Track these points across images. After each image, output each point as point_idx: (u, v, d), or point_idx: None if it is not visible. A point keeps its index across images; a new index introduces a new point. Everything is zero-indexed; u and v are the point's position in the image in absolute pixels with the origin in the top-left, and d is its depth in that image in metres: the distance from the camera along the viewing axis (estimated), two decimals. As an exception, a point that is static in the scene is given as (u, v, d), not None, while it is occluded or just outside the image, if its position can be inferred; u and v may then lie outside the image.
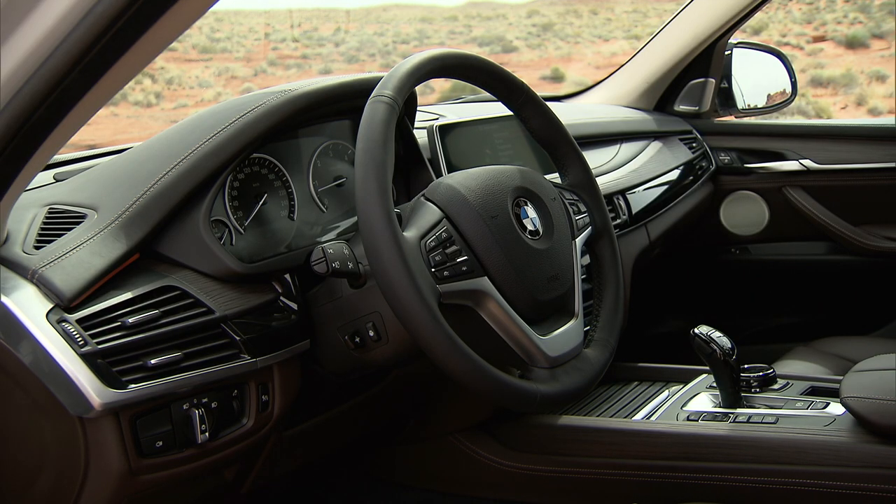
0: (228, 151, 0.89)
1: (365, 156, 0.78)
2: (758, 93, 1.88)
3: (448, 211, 0.84)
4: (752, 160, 1.83)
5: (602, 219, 1.00)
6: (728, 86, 1.87)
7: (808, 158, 1.76)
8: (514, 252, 0.85)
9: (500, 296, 0.83)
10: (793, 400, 1.15)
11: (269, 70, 12.17)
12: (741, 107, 1.88)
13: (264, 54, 12.79)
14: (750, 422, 1.10)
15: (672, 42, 1.79)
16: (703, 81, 1.86)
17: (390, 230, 0.75)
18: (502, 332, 0.83)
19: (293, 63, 12.54)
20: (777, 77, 1.86)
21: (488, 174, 0.89)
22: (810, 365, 1.36)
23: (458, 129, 1.23)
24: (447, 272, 0.80)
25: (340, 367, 0.95)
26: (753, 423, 1.10)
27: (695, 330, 1.13)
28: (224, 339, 0.84)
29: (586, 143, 1.53)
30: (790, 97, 1.85)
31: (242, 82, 11.61)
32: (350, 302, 0.89)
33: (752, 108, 1.89)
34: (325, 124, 1.05)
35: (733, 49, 1.84)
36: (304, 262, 0.94)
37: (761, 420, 1.10)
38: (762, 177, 1.81)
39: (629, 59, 1.90)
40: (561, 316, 0.91)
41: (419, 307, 0.74)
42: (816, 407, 1.12)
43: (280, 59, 12.67)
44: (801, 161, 1.77)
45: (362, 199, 0.76)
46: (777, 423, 1.09)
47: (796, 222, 1.78)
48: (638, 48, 1.89)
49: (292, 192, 1.00)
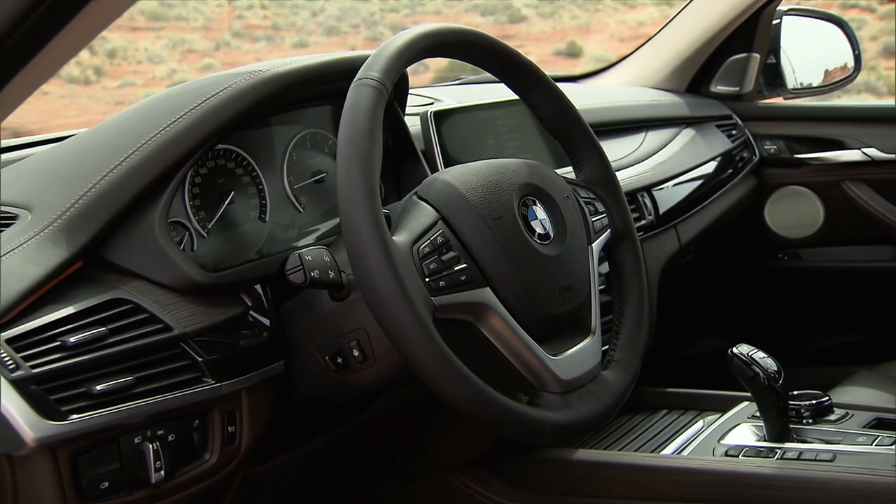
0: (189, 142, 0.91)
1: (348, 148, 0.80)
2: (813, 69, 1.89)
3: (444, 211, 0.86)
4: (804, 149, 1.85)
5: (623, 220, 1.02)
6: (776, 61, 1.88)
7: (873, 147, 1.76)
8: (520, 259, 0.87)
9: (505, 309, 0.85)
10: (853, 434, 1.16)
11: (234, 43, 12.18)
12: (792, 86, 1.88)
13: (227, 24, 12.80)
14: (801, 459, 1.11)
15: (709, 10, 1.80)
16: (745, 57, 1.87)
17: (378, 234, 0.77)
18: (507, 352, 0.85)
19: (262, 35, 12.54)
20: (837, 49, 1.86)
21: (491, 169, 0.91)
22: (874, 392, 1.36)
23: (456, 117, 1.25)
24: (443, 282, 0.82)
25: (320, 393, 0.96)
26: (805, 461, 1.10)
27: (734, 349, 1.15)
28: (183, 360, 0.86)
29: (606, 131, 1.54)
30: (853, 73, 1.85)
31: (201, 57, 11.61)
32: (331, 317, 0.90)
33: (806, 87, 1.90)
34: (301, 111, 1.07)
35: (783, 17, 1.85)
36: (277, 270, 0.95)
37: (814, 457, 1.10)
38: (816, 169, 1.82)
39: (658, 30, 1.91)
40: (575, 333, 0.92)
41: (411, 322, 0.76)
42: (882, 443, 1.12)
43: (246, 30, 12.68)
44: (864, 150, 1.77)
45: (345, 198, 0.78)
46: (834, 462, 1.09)
47: (857, 222, 1.79)
48: (670, 17, 1.90)
49: (263, 189, 1.01)
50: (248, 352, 0.91)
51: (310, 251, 0.85)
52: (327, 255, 0.86)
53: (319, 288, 0.88)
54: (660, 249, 1.51)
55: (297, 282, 0.84)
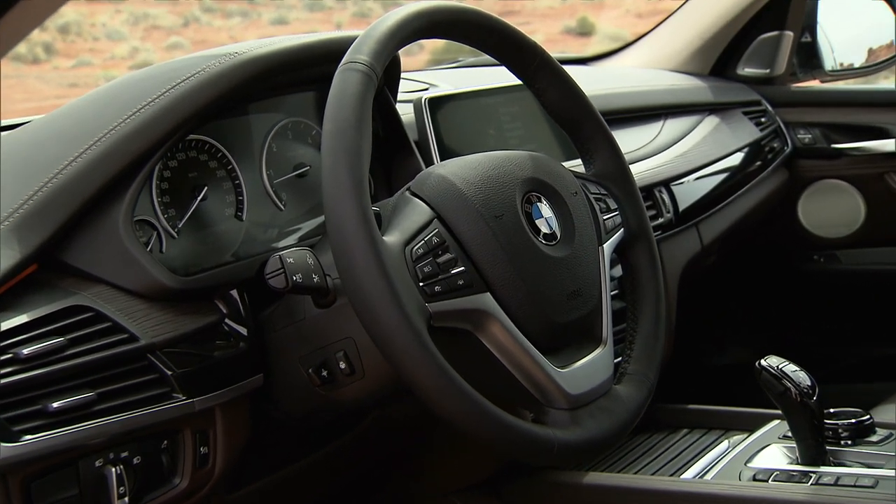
0: (157, 132, 0.92)
1: (334, 139, 0.81)
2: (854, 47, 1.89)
3: (440, 209, 0.87)
4: (843, 139, 1.85)
5: (638, 218, 1.04)
6: (812, 39, 1.88)
7: None
8: (523, 261, 0.88)
9: (507, 317, 0.86)
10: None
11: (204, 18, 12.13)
12: (830, 67, 1.88)
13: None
14: (838, 484, 1.11)
15: (736, -17, 1.82)
16: (776, 35, 1.88)
17: (366, 233, 0.78)
18: (510, 364, 0.86)
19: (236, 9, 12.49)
20: (882, 24, 1.85)
21: (491, 162, 0.92)
22: None
23: (453, 104, 1.26)
24: (439, 287, 0.83)
25: (303, 409, 0.97)
26: (843, 486, 1.11)
27: (762, 362, 1.15)
28: (151, 374, 0.87)
29: (619, 119, 1.55)
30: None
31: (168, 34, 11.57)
32: (315, 325, 0.91)
33: (846, 68, 1.90)
34: (282, 98, 1.08)
35: None
36: (255, 274, 0.96)
37: (854, 482, 1.11)
38: (856, 161, 1.83)
39: (679, 6, 1.92)
40: (584, 343, 0.94)
41: (403, 331, 0.77)
42: (932, 468, 1.12)
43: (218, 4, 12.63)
44: None
45: (331, 194, 0.79)
46: (876, 488, 1.10)
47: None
48: (693, -9, 1.90)
49: (240, 184, 1.03)
50: (222, 364, 0.92)
51: (292, 253, 0.86)
52: (311, 258, 0.87)
53: (302, 293, 0.89)
54: (679, 251, 1.52)
55: (277, 287, 0.85)
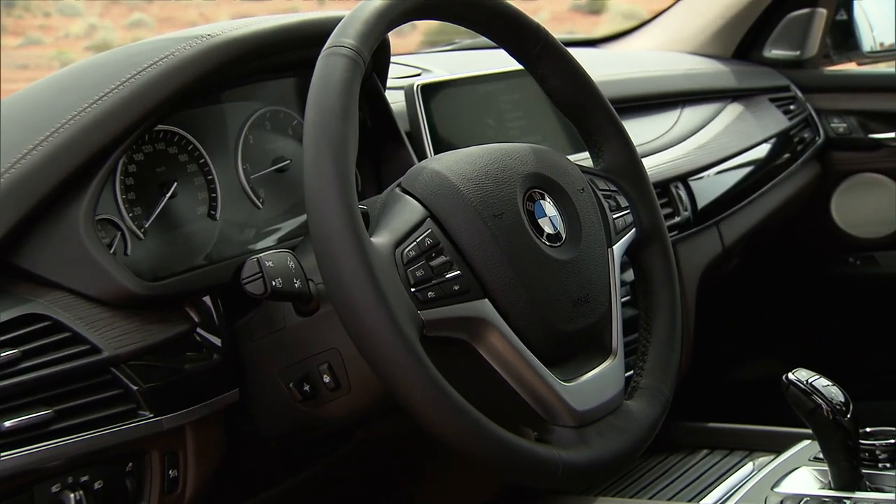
0: (121, 122, 0.92)
1: (317, 130, 0.81)
2: (894, 26, 1.90)
3: (434, 207, 0.88)
4: (882, 128, 1.86)
5: (651, 217, 1.04)
6: (848, 17, 1.88)
7: None
8: (525, 264, 0.88)
9: (507, 325, 0.86)
10: None
11: (171, -7, 12.12)
12: (869, 48, 1.88)
13: (163, -32, 12.73)
14: None
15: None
16: (808, 13, 1.88)
17: (353, 234, 0.78)
18: (510, 377, 0.87)
19: (207, -17, 12.50)
20: None
21: (490, 156, 0.93)
22: None
23: (448, 91, 1.26)
24: (432, 293, 0.84)
25: (283, 428, 0.97)
26: None
27: (790, 376, 1.15)
28: (115, 389, 0.87)
29: (631, 108, 1.56)
30: None
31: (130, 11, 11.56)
32: (296, 335, 0.92)
33: (886, 49, 1.89)
34: (260, 85, 1.08)
35: None
36: (230, 279, 0.96)
37: None
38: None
39: (700, -19, 1.93)
40: (592, 354, 0.94)
41: (394, 341, 0.77)
42: (981, 494, 1.12)
43: (187, -24, 12.62)
44: None
45: (314, 191, 0.80)
46: None
47: None
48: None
49: (213, 179, 1.03)
50: (194, 378, 0.92)
51: (271, 255, 0.87)
52: (292, 261, 0.87)
53: (282, 300, 0.89)
54: (698, 253, 1.53)
55: (255, 292, 0.86)
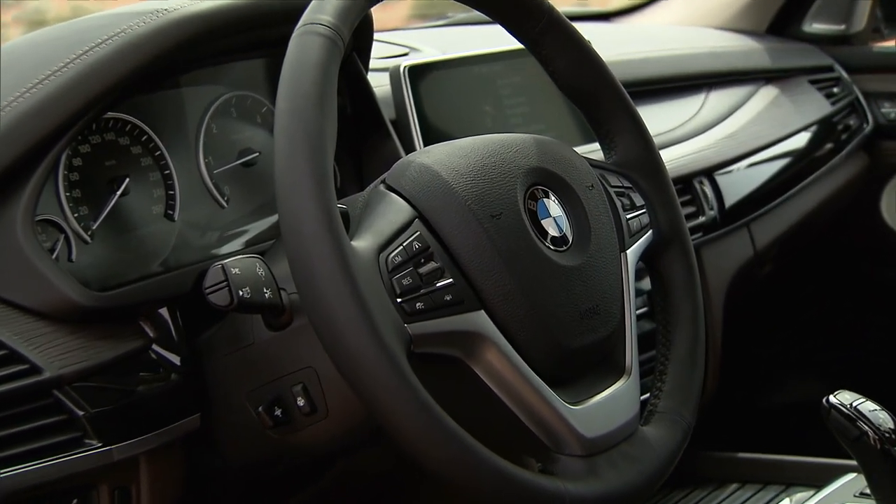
0: (65, 109, 0.92)
1: (290, 119, 0.81)
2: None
3: (423, 207, 0.88)
4: None
5: (671, 217, 1.05)
6: None
7: None
8: (526, 271, 0.89)
9: (506, 341, 0.87)
10: None
11: (124, -38, 12.09)
12: None
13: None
14: None
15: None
16: (854, -21, 1.90)
17: (331, 238, 0.78)
18: (509, 399, 0.87)
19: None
20: None
21: (487, 148, 0.93)
22: None
23: (439, 74, 1.26)
24: (421, 304, 0.84)
25: (251, 458, 0.98)
26: None
27: (832, 398, 1.14)
28: (58, 414, 0.87)
29: (649, 92, 1.56)
30: None
31: (79, -15, 11.55)
32: (267, 352, 0.92)
33: None
34: (225, 67, 1.09)
35: None
36: (191, 288, 0.97)
37: None
38: None
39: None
40: (603, 373, 0.95)
41: (377, 359, 0.77)
42: None
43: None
44: None
45: (286, 188, 0.79)
46: None
47: None
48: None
49: (171, 175, 1.03)
50: (149, 402, 0.93)
51: (237, 262, 0.87)
52: (261, 267, 0.87)
53: (250, 312, 0.89)
54: (726, 258, 1.53)
55: (219, 303, 0.86)
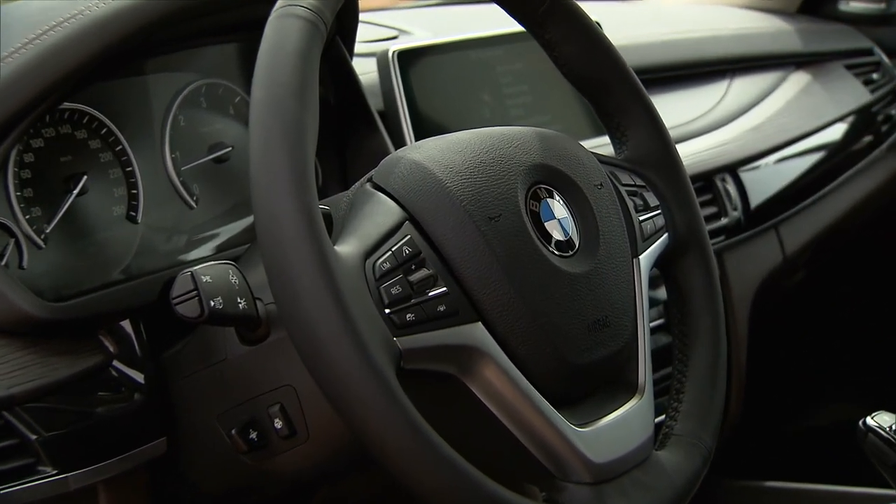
0: (16, 99, 0.92)
1: (267, 110, 0.81)
2: None
3: (413, 208, 0.88)
4: None
5: (688, 218, 1.05)
6: None
7: None
8: (528, 279, 0.89)
9: (506, 356, 0.87)
10: None
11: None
12: None
13: None
14: None
15: None
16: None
17: (312, 242, 0.78)
18: (509, 420, 0.87)
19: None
20: None
21: (484, 143, 0.93)
22: None
23: (432, 59, 1.27)
24: (412, 315, 0.84)
25: (223, 486, 0.98)
26: None
27: (869, 420, 1.14)
28: (8, 438, 0.87)
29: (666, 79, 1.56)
30: None
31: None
32: (241, 369, 0.92)
33: None
34: (193, 52, 1.09)
35: None
36: (157, 298, 0.97)
37: None
38: None
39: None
40: (613, 392, 0.95)
41: (363, 377, 0.77)
42: None
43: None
44: None
45: (263, 187, 0.79)
46: None
47: None
48: None
49: (133, 172, 1.03)
50: (109, 425, 0.92)
51: (208, 269, 0.87)
52: (234, 275, 0.88)
53: (223, 325, 0.89)
54: (751, 264, 1.53)
55: (188, 315, 0.86)
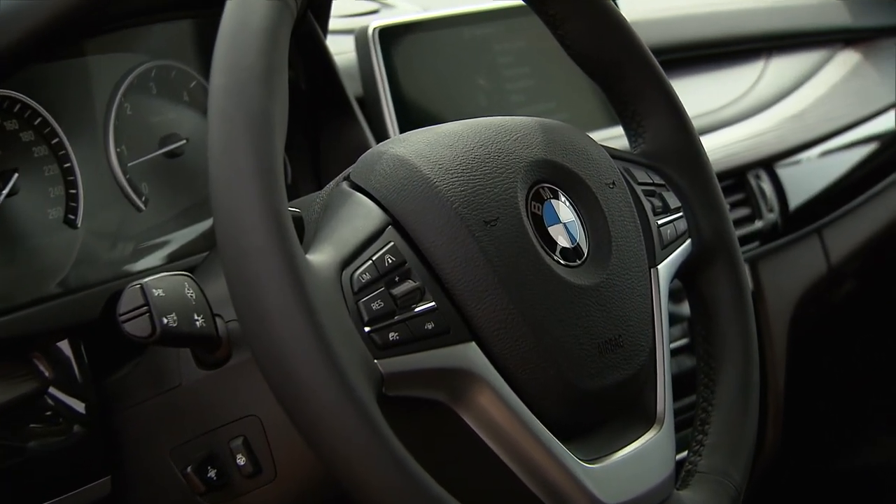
0: None
1: (228, 98, 0.81)
2: None
3: (397, 210, 0.88)
4: None
5: (715, 222, 1.05)
6: None
7: None
8: (529, 292, 0.89)
9: (504, 381, 0.87)
10: None
11: None
12: None
13: None
14: None
15: None
16: None
17: (280, 250, 0.78)
18: (508, 455, 0.87)
19: None
20: None
21: (479, 135, 0.94)
22: None
23: (418, 37, 1.27)
24: (396, 334, 0.84)
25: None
26: None
27: None
28: None
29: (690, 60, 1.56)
30: None
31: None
32: (198, 397, 0.93)
33: None
34: (143, 29, 1.09)
35: None
36: (100, 314, 0.98)
37: None
38: None
39: None
40: (628, 423, 0.96)
41: (340, 405, 0.77)
42: None
43: None
44: None
45: (223, 185, 0.79)
46: None
47: None
48: None
49: (72, 168, 1.04)
50: (45, 461, 0.93)
51: (160, 281, 0.87)
52: (191, 288, 0.88)
53: (177, 345, 0.90)
54: (790, 275, 1.54)
55: (137, 334, 0.86)
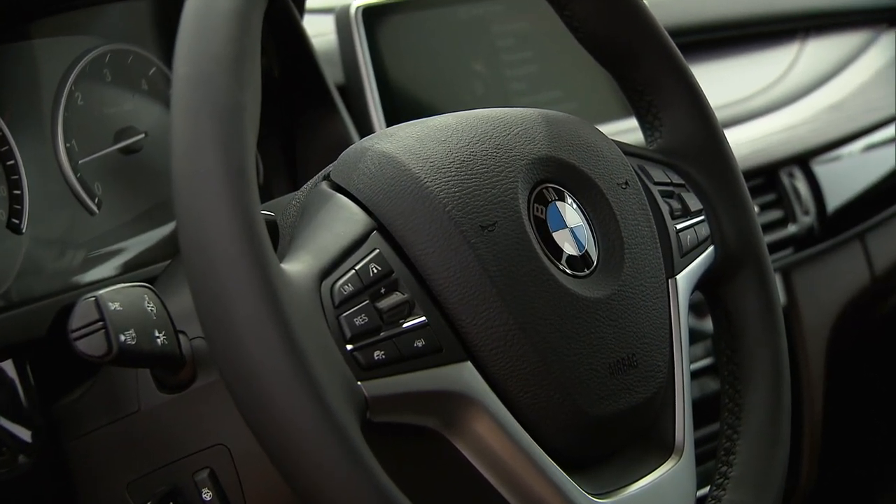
0: None
1: (194, 88, 0.84)
2: None
3: (383, 214, 0.94)
4: None
5: (741, 227, 1.11)
6: None
7: None
8: (532, 306, 0.94)
9: (503, 405, 0.92)
10: None
11: None
12: None
13: None
14: None
15: None
16: None
17: (252, 258, 0.81)
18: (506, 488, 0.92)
19: None
20: None
21: (476, 129, 0.99)
22: None
23: (407, 18, 1.32)
24: (382, 352, 0.89)
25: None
26: None
27: None
28: None
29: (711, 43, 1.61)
30: None
31: None
32: (159, 423, 0.98)
33: None
34: (96, 10, 1.14)
35: None
36: (48, 331, 1.03)
37: None
38: None
39: None
40: (642, 453, 1.02)
41: (319, 433, 0.81)
42: None
43: None
44: None
45: (187, 185, 0.82)
46: None
47: None
48: None
49: (16, 166, 1.09)
50: None
51: (116, 293, 0.92)
52: (151, 301, 0.93)
53: (136, 366, 0.96)
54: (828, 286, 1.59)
55: (91, 353, 0.91)
